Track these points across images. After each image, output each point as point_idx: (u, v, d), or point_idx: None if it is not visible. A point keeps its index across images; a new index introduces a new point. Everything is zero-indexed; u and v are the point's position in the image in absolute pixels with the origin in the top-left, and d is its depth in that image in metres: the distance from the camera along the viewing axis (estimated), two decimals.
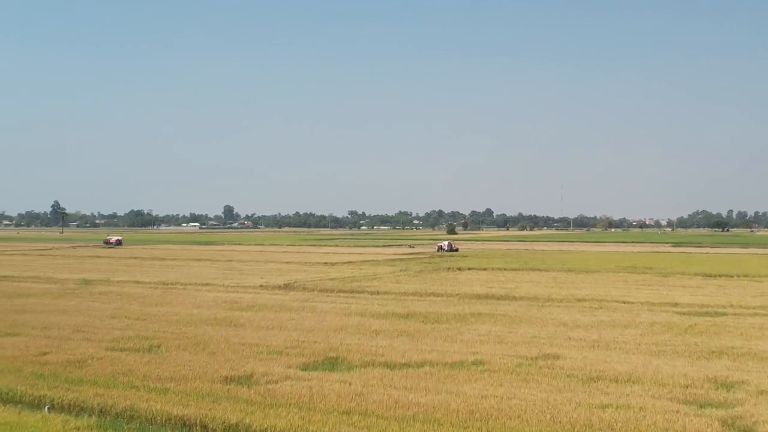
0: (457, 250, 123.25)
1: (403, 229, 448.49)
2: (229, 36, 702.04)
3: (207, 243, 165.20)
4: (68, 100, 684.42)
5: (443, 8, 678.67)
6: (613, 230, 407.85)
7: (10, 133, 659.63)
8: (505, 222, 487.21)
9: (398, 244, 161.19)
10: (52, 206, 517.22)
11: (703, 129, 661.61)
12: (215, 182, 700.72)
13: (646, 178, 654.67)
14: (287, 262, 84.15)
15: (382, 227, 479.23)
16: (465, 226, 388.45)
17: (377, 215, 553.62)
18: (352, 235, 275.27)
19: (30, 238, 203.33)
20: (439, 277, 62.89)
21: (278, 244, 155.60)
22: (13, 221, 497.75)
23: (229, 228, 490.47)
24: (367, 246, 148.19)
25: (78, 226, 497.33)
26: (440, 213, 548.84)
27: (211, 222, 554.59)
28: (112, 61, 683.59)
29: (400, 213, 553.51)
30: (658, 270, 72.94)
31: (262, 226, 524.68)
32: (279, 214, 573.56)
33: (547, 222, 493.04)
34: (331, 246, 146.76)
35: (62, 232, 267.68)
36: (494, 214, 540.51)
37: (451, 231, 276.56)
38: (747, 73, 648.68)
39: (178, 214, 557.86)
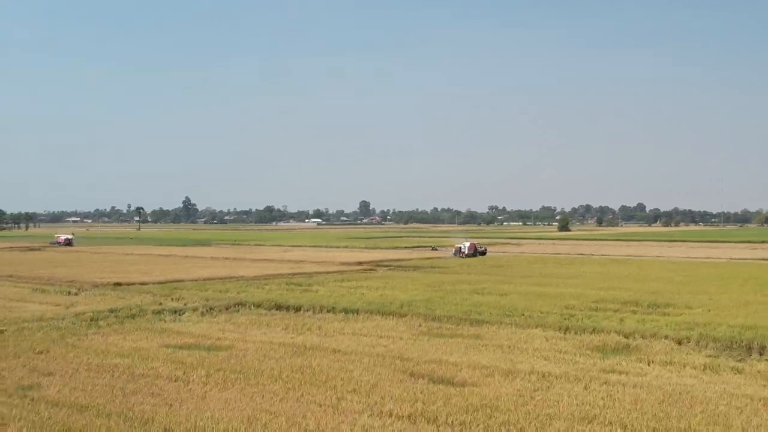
0: (483, 253, 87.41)
1: (534, 224, 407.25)
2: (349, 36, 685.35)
3: (234, 242, 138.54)
4: (207, 97, 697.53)
5: None
6: None
7: (151, 133, 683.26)
8: (656, 217, 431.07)
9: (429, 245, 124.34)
10: (183, 202, 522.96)
11: None
12: (358, 178, 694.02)
13: None
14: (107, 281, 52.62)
15: (513, 223, 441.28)
16: (599, 222, 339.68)
17: (518, 210, 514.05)
18: (444, 232, 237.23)
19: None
20: None
21: (302, 246, 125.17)
22: (142, 217, 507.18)
23: (355, 224, 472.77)
24: (398, 248, 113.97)
25: (206, 222, 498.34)
26: (587, 207, 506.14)
27: (342, 218, 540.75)
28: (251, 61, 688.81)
29: (543, 208, 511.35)
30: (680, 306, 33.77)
31: (392, 222, 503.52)
32: (417, 209, 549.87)
33: (704, 217, 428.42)
34: (356, 249, 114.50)
35: (139, 229, 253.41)
36: (647, 209, 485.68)
37: (564, 227, 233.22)
38: None
39: (307, 210, 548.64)
